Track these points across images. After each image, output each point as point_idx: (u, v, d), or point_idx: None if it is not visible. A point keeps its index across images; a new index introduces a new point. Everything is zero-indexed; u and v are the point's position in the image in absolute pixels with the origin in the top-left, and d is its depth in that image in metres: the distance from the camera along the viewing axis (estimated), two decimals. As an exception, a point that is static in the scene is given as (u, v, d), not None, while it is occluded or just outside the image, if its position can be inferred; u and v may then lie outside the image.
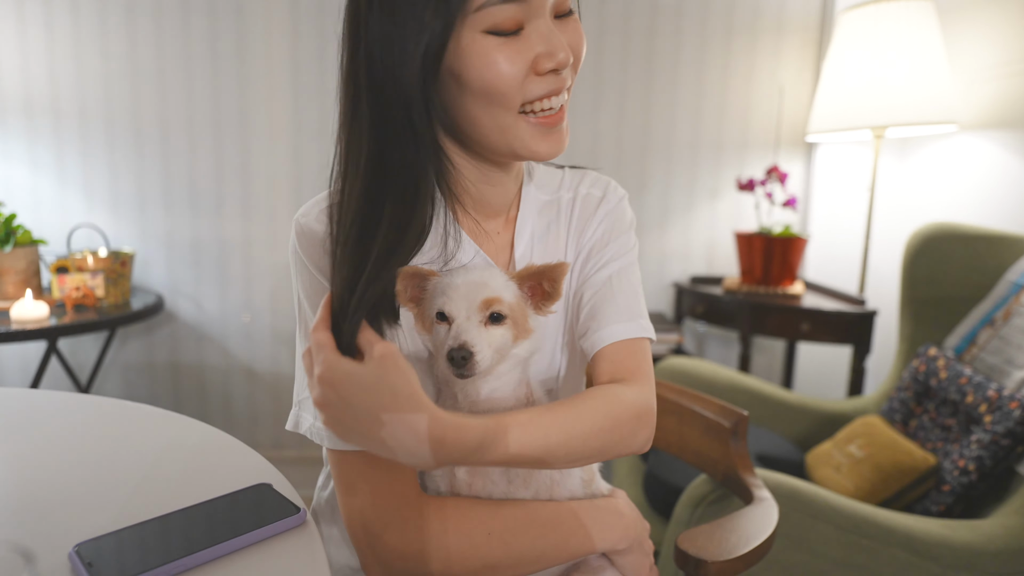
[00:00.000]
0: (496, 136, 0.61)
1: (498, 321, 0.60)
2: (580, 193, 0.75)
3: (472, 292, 0.59)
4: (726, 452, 0.94)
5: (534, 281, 0.64)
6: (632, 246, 0.74)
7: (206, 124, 2.26)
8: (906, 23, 1.76)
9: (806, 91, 2.41)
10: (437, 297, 0.60)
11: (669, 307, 2.49)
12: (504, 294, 0.60)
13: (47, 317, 1.78)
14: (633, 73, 2.37)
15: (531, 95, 0.60)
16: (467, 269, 0.63)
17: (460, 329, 0.58)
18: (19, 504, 0.59)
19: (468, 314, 0.59)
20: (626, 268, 0.71)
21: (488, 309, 0.59)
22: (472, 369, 0.57)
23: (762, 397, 1.70)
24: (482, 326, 0.59)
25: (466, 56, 0.57)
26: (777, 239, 2.06)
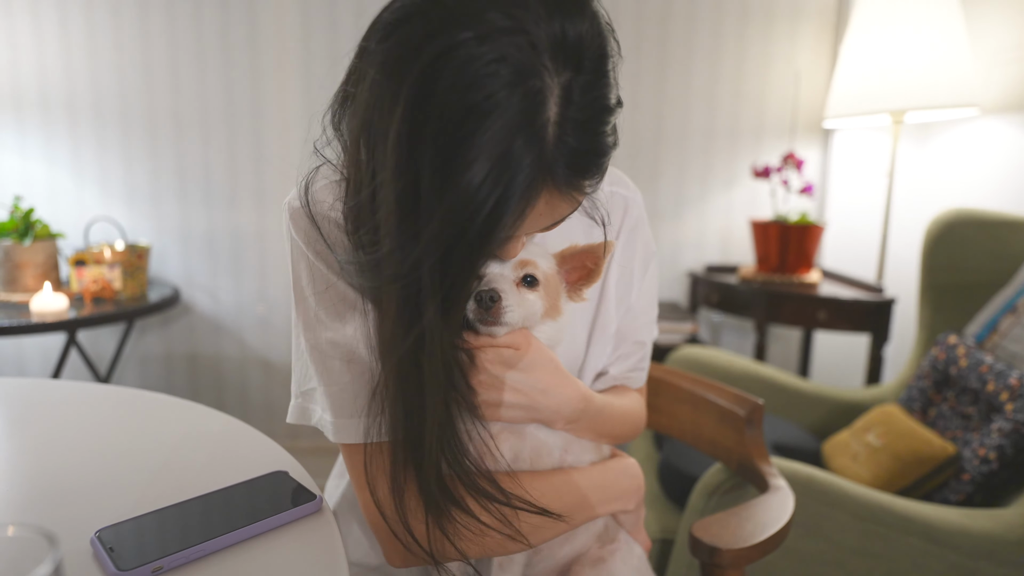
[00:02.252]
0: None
1: (531, 285, 0.59)
2: (603, 189, 0.73)
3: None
4: (741, 441, 0.93)
5: (576, 262, 0.63)
6: (656, 264, 0.79)
7: (219, 116, 2.28)
8: (926, 4, 1.72)
9: (823, 76, 2.38)
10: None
11: (684, 296, 2.48)
12: (541, 261, 0.61)
13: (66, 309, 1.80)
14: (646, 60, 2.35)
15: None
16: None
17: (492, 279, 0.58)
18: (42, 490, 0.60)
19: (502, 270, 0.59)
20: (656, 311, 0.80)
21: (523, 270, 0.59)
22: (498, 315, 0.56)
23: (778, 386, 1.68)
24: (514, 284, 0.59)
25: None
26: (793, 227, 2.04)
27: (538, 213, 0.50)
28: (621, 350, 0.76)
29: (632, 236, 0.75)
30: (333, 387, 0.60)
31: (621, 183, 0.75)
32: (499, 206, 0.45)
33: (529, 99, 0.44)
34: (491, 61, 0.43)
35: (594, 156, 0.50)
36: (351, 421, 0.60)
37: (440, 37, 0.44)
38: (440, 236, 0.46)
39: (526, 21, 0.44)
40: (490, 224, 0.46)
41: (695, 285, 2.34)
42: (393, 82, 0.46)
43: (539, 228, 0.54)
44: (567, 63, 0.45)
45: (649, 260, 0.77)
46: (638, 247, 0.75)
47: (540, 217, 0.51)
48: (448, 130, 0.44)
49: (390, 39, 0.47)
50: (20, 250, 1.92)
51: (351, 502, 0.76)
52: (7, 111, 2.21)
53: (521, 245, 0.58)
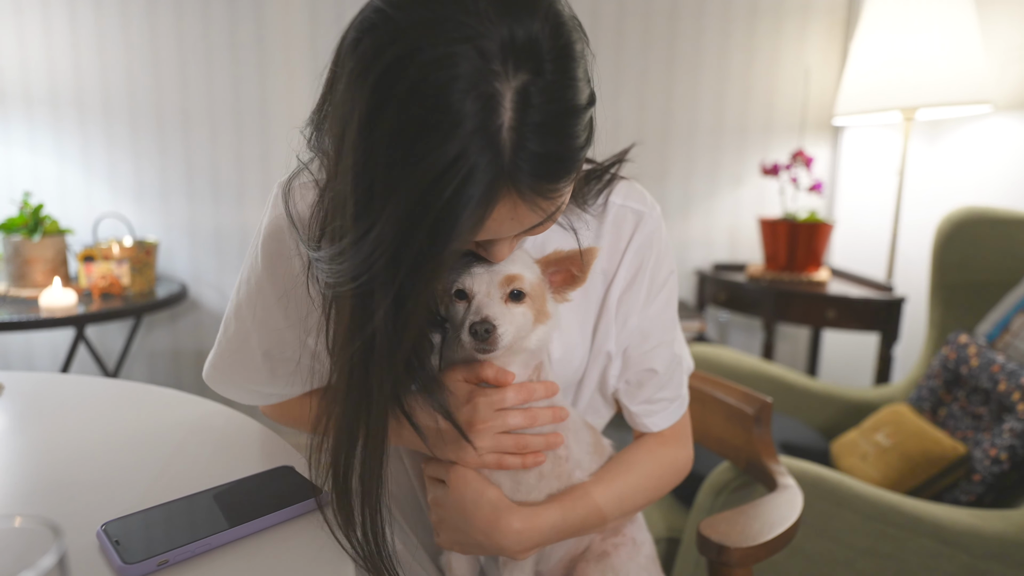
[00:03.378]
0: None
1: (518, 299, 0.59)
2: (613, 202, 0.70)
3: (494, 269, 0.58)
4: (749, 439, 0.93)
5: (560, 267, 0.63)
6: (675, 288, 0.74)
7: (227, 114, 2.28)
8: (938, 1, 1.70)
9: (832, 73, 2.36)
10: (454, 274, 0.59)
11: (691, 294, 2.47)
12: (526, 273, 0.60)
13: (75, 305, 1.82)
14: (654, 57, 2.34)
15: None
16: None
17: (481, 304, 0.57)
18: (49, 483, 0.60)
19: (489, 290, 0.58)
20: (675, 337, 0.74)
21: (509, 286, 0.58)
22: (495, 344, 0.56)
23: (786, 385, 1.67)
24: (503, 303, 0.58)
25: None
26: (802, 225, 2.02)
27: (501, 219, 0.49)
28: (629, 375, 0.72)
29: (642, 252, 0.70)
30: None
31: (636, 198, 0.71)
32: (451, 211, 0.45)
33: (480, 104, 0.43)
34: (443, 68, 0.43)
35: (560, 160, 0.48)
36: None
37: (396, 46, 0.44)
38: (388, 237, 0.46)
39: (477, 27, 0.44)
40: (443, 228, 0.46)
41: (703, 283, 2.33)
42: (355, 88, 0.46)
43: (509, 234, 0.53)
44: (522, 66, 0.45)
45: (664, 281, 0.72)
46: (649, 264, 0.70)
47: (505, 223, 0.50)
48: (403, 135, 0.44)
49: (357, 49, 0.48)
50: (29, 245, 1.93)
51: None
52: (18, 107, 2.23)
53: (510, 248, 0.57)
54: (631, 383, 0.72)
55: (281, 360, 0.67)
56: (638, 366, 0.71)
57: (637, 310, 0.70)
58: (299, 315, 0.63)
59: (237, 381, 0.71)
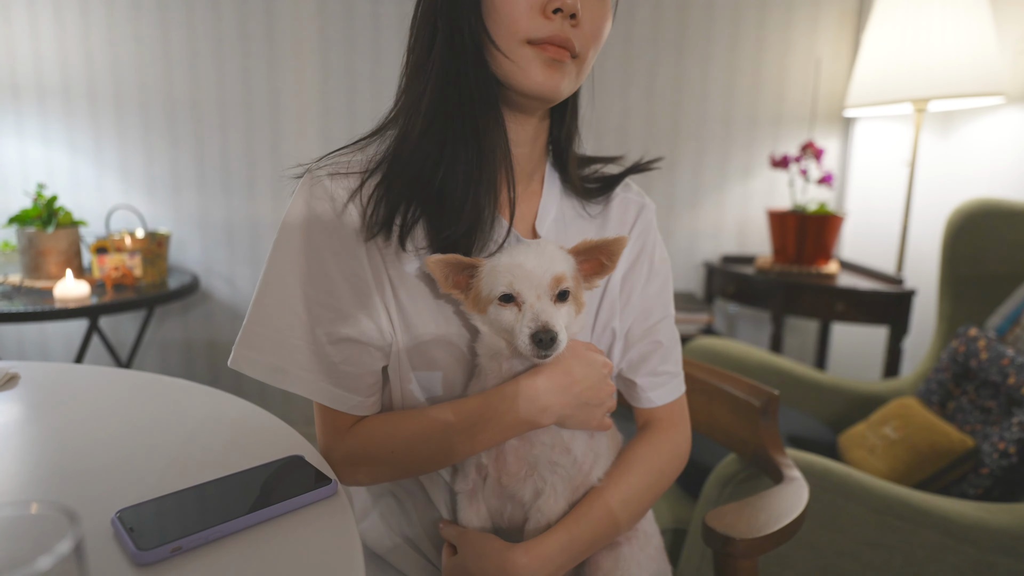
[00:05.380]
0: (499, 60, 0.63)
1: (564, 299, 0.61)
2: (616, 193, 0.78)
3: (540, 271, 0.60)
4: (756, 431, 0.93)
5: (590, 256, 0.65)
6: (669, 271, 0.80)
7: (237, 106, 2.29)
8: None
9: (844, 64, 2.33)
10: (499, 278, 0.60)
11: (699, 287, 2.46)
12: (567, 269, 0.62)
13: (88, 296, 1.83)
14: (663, 47, 2.32)
15: (533, 33, 0.61)
16: (525, 248, 0.63)
17: (537, 310, 0.59)
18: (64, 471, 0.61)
19: (539, 293, 0.59)
20: (671, 312, 0.78)
21: (558, 287, 0.60)
22: (555, 349, 0.59)
23: (794, 378, 1.67)
24: (553, 305, 0.60)
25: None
26: (812, 217, 2.01)
27: None
28: (637, 350, 0.75)
29: (643, 237, 0.77)
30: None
31: (635, 191, 0.80)
32: None
33: None
34: None
35: None
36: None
37: None
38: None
39: None
40: None
41: (711, 275, 2.32)
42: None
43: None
44: None
45: (661, 264, 0.78)
46: (649, 248, 0.77)
47: None
48: None
49: None
50: (43, 237, 1.95)
51: (366, 487, 0.77)
52: (31, 101, 2.24)
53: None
54: (635, 359, 0.76)
55: (331, 342, 0.65)
56: (643, 339, 0.75)
57: (639, 289, 0.75)
58: (355, 276, 0.66)
59: (278, 360, 0.66)
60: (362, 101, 2.29)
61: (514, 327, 0.59)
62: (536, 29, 0.61)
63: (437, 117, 0.64)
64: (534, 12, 0.61)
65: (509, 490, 0.67)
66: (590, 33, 0.64)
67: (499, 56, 0.62)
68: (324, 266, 0.65)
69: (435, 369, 0.68)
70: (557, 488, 0.66)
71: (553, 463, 0.66)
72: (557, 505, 0.66)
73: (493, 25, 0.61)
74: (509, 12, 0.60)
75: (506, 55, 0.62)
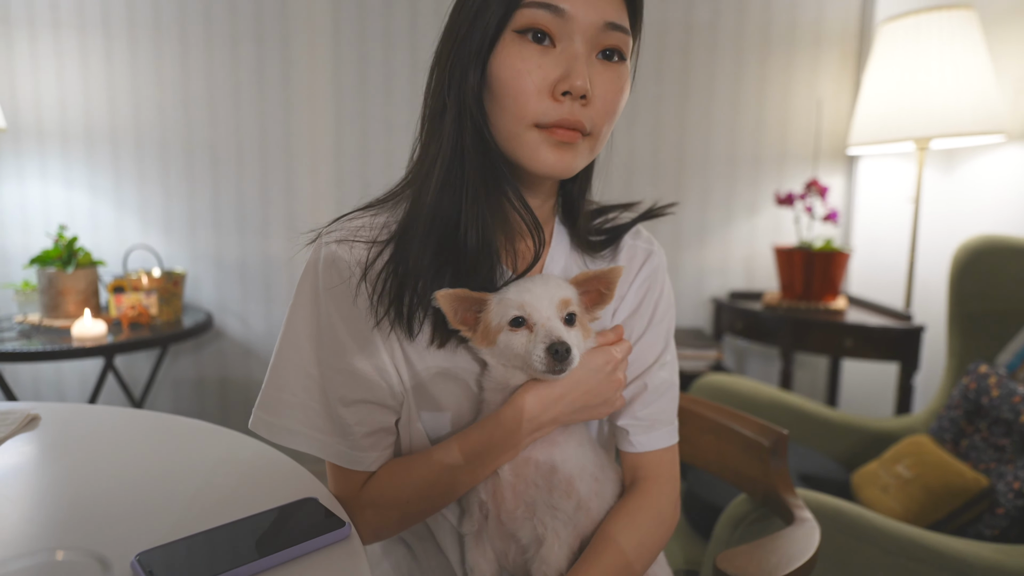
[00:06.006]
0: (506, 141, 0.63)
1: (571, 323, 0.64)
2: (626, 240, 0.78)
3: (548, 295, 0.62)
4: (766, 471, 0.92)
5: (590, 287, 0.67)
6: (673, 319, 0.80)
7: (253, 148, 2.36)
8: (948, 33, 1.72)
9: (846, 103, 2.38)
10: (509, 305, 0.62)
11: (708, 323, 2.46)
12: (572, 295, 0.64)
13: (105, 335, 1.86)
14: (668, 87, 2.37)
15: (542, 118, 0.60)
16: (530, 279, 0.65)
17: (550, 327, 0.61)
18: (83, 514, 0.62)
19: (548, 315, 0.62)
20: (668, 361, 0.77)
21: (565, 309, 0.63)
22: (569, 364, 0.60)
23: (805, 415, 1.66)
24: (563, 325, 0.62)
25: (499, 55, 0.60)
26: (818, 253, 2.02)
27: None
28: (626, 393, 0.74)
29: (648, 282, 0.77)
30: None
31: (644, 238, 0.79)
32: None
33: None
34: None
35: None
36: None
37: None
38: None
39: None
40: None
41: (719, 311, 2.33)
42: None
43: (582, 3, 0.59)
44: None
45: (665, 313, 0.77)
46: (654, 295, 0.77)
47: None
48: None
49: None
50: (63, 277, 2.00)
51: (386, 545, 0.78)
52: (55, 144, 2.32)
53: (581, 70, 0.59)
54: (628, 400, 0.75)
55: (344, 405, 0.67)
56: (632, 383, 0.75)
57: (636, 336, 0.75)
58: (363, 335, 0.67)
59: (293, 423, 0.69)
60: (374, 144, 2.35)
61: (527, 348, 0.61)
62: (544, 113, 0.60)
63: (447, 190, 0.63)
64: (542, 95, 0.60)
65: (509, 528, 0.67)
66: (603, 110, 0.62)
67: (507, 140, 0.62)
68: (335, 331, 0.66)
69: (443, 409, 0.69)
70: (560, 535, 0.66)
71: (552, 507, 0.66)
72: (561, 553, 0.66)
73: (501, 108, 0.61)
74: (517, 96, 0.59)
75: (514, 139, 0.62)
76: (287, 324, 0.69)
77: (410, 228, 0.65)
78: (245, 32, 2.29)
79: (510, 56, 0.60)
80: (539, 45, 0.59)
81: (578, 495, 0.67)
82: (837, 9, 2.34)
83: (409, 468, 0.68)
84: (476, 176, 0.63)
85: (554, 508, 0.66)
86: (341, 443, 0.68)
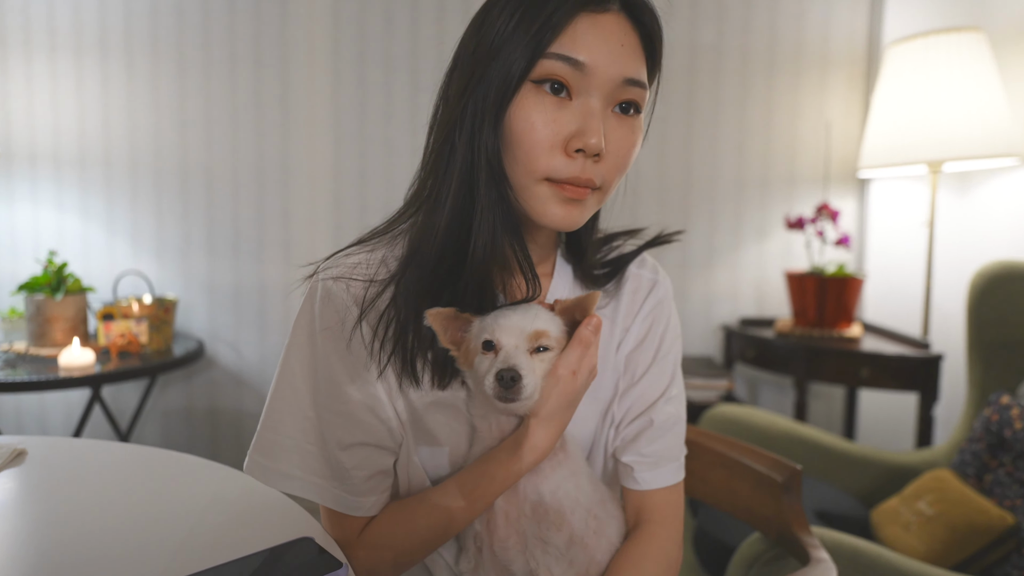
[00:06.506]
0: (514, 191, 0.64)
1: (543, 352, 0.64)
2: (630, 270, 0.78)
3: (523, 324, 0.63)
4: (779, 509, 0.92)
5: (567, 316, 0.67)
6: (679, 351, 0.79)
7: (249, 171, 2.38)
8: (958, 55, 1.75)
9: (855, 125, 2.40)
10: (485, 330, 0.64)
11: (718, 351, 2.46)
12: (551, 328, 0.64)
13: (92, 364, 1.87)
14: (673, 109, 2.41)
15: (554, 173, 0.61)
16: (514, 306, 0.66)
17: (508, 354, 0.61)
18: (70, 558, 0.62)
19: (516, 343, 0.62)
20: (675, 395, 0.76)
21: (537, 341, 0.63)
22: (518, 393, 0.60)
23: (821, 448, 1.64)
24: (528, 355, 0.62)
25: (515, 105, 0.61)
26: (831, 279, 2.02)
27: (586, 32, 0.59)
28: (631, 429, 0.75)
29: (654, 314, 0.77)
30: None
31: (649, 267, 0.80)
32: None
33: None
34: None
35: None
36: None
37: None
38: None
39: None
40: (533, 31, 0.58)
41: (729, 339, 2.32)
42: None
43: (602, 57, 0.60)
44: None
45: (671, 346, 0.77)
46: (659, 328, 0.77)
47: (590, 35, 0.59)
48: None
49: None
50: (51, 304, 2.01)
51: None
52: (47, 167, 2.35)
53: (597, 127, 0.59)
54: (628, 438, 0.75)
55: (342, 448, 0.67)
56: (638, 419, 0.75)
57: (642, 369, 0.75)
58: (362, 372, 0.67)
59: (289, 467, 0.68)
60: (373, 166, 2.38)
61: (487, 372, 0.62)
62: (556, 170, 0.60)
63: (451, 233, 0.63)
64: (555, 150, 0.60)
65: (503, 560, 0.67)
66: (614, 165, 0.63)
67: (516, 190, 0.63)
68: (332, 372, 0.66)
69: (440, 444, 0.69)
70: (553, 571, 0.66)
71: (543, 540, 0.66)
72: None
73: (512, 158, 0.62)
74: (530, 149, 0.60)
75: (523, 190, 0.62)
76: (283, 364, 0.69)
77: (413, 267, 0.65)
78: (244, 54, 2.34)
79: (525, 108, 0.60)
80: (556, 97, 0.60)
81: (570, 528, 0.66)
82: (843, 30, 2.38)
83: (411, 514, 0.68)
84: (488, 225, 0.63)
85: (544, 542, 0.66)
86: (339, 488, 0.68)
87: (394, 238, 0.71)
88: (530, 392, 0.61)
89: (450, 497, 0.66)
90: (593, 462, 0.77)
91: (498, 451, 0.66)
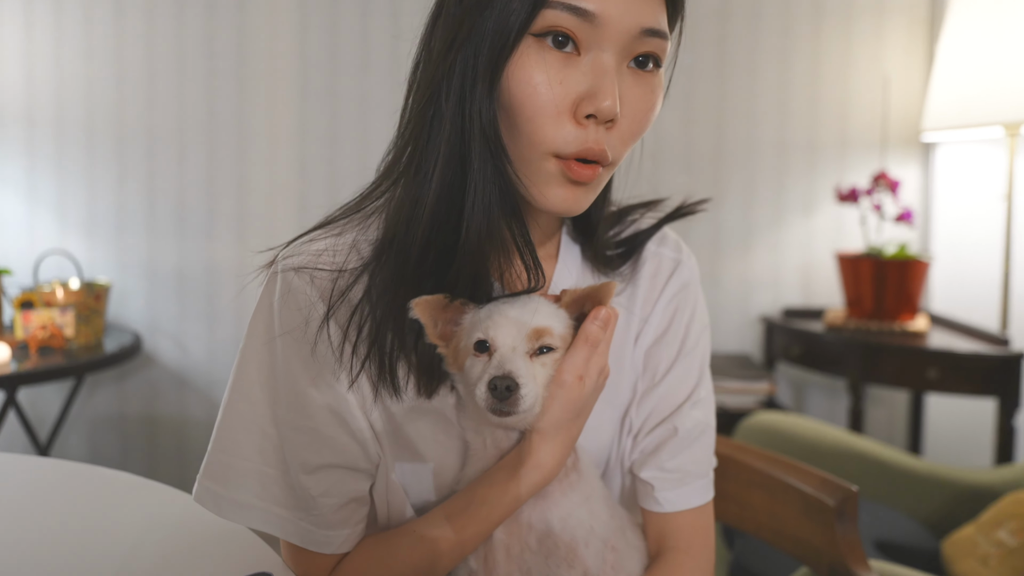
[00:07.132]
0: (514, 166, 0.62)
1: (546, 353, 0.62)
2: (648, 249, 0.78)
3: (521, 320, 0.61)
4: (831, 538, 0.91)
5: (578, 308, 0.66)
6: (708, 344, 0.79)
7: (198, 132, 2.36)
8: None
9: (918, 81, 2.38)
10: (478, 326, 0.62)
11: (757, 347, 2.45)
12: (555, 324, 0.63)
13: (7, 362, 1.84)
14: (701, 62, 2.38)
15: (561, 148, 0.59)
16: (513, 298, 0.65)
17: (504, 359, 0.59)
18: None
19: (514, 344, 0.60)
20: (703, 397, 0.76)
21: (538, 341, 0.61)
22: (515, 405, 0.58)
23: (882, 465, 1.64)
24: (528, 358, 0.61)
25: (513, 64, 0.59)
26: (890, 262, 2.01)
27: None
28: (651, 439, 0.74)
29: (676, 301, 0.77)
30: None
31: (671, 245, 0.80)
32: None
33: None
34: None
35: None
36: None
37: None
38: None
39: None
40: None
41: (770, 333, 2.32)
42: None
43: (615, 4, 0.57)
44: None
45: (698, 339, 0.77)
46: (684, 317, 0.77)
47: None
48: None
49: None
50: (-41, 290, 1.98)
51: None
52: (-48, 128, 2.32)
53: (611, 87, 0.58)
54: (648, 449, 0.74)
55: (307, 472, 0.65)
56: (660, 426, 0.74)
57: (665, 367, 0.75)
58: (328, 374, 0.65)
59: (244, 495, 0.66)
60: (345, 126, 2.35)
61: (478, 379, 0.60)
62: (564, 142, 0.59)
63: (438, 215, 0.62)
64: (562, 118, 0.59)
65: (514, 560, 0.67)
66: (629, 132, 0.62)
67: (517, 165, 0.62)
68: (294, 381, 0.65)
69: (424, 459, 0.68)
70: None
71: (572, 554, 0.65)
72: None
73: (512, 127, 0.60)
74: (532, 117, 0.59)
75: (526, 165, 0.61)
76: (237, 371, 0.67)
77: (391, 253, 0.63)
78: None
79: (526, 67, 0.58)
80: (560, 52, 0.58)
81: (584, 565, 0.66)
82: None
83: (391, 549, 0.66)
84: (483, 205, 0.61)
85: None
86: (304, 519, 0.66)
87: (366, 217, 0.69)
88: (529, 404, 0.59)
89: (437, 528, 0.64)
90: (610, 480, 0.76)
91: (495, 471, 0.64)
